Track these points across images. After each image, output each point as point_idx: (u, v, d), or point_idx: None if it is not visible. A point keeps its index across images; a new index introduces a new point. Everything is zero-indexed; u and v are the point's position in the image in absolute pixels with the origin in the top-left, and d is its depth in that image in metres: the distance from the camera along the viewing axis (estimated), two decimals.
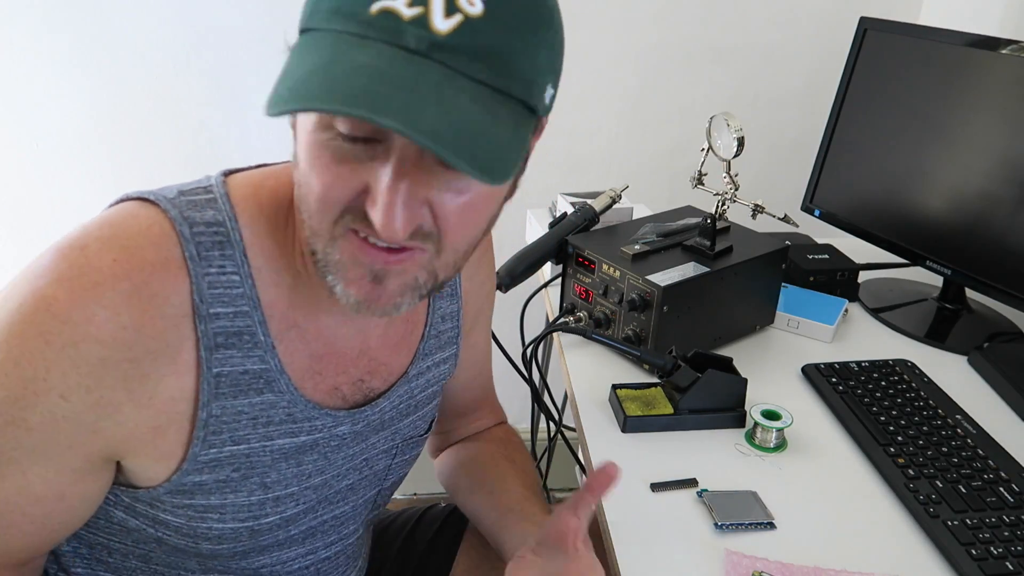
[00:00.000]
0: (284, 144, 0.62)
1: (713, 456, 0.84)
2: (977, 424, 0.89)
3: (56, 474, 0.59)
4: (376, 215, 0.51)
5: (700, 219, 1.06)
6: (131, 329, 0.56)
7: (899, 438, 0.85)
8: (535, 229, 1.35)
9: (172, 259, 0.58)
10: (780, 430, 0.85)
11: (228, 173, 0.67)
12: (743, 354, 1.04)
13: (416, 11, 0.47)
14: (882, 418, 0.89)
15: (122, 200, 0.63)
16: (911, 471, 0.80)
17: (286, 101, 0.46)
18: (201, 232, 0.60)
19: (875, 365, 0.99)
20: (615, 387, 0.92)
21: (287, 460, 0.68)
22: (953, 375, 1.01)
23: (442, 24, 0.47)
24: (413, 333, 0.77)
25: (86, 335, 0.55)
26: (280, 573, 0.75)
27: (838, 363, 0.99)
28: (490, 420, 0.99)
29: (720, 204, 1.11)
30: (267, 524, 0.69)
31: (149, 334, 0.57)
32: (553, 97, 0.56)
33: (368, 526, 0.86)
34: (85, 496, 0.63)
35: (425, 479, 2.05)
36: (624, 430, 0.87)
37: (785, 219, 1.10)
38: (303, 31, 0.53)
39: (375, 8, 0.48)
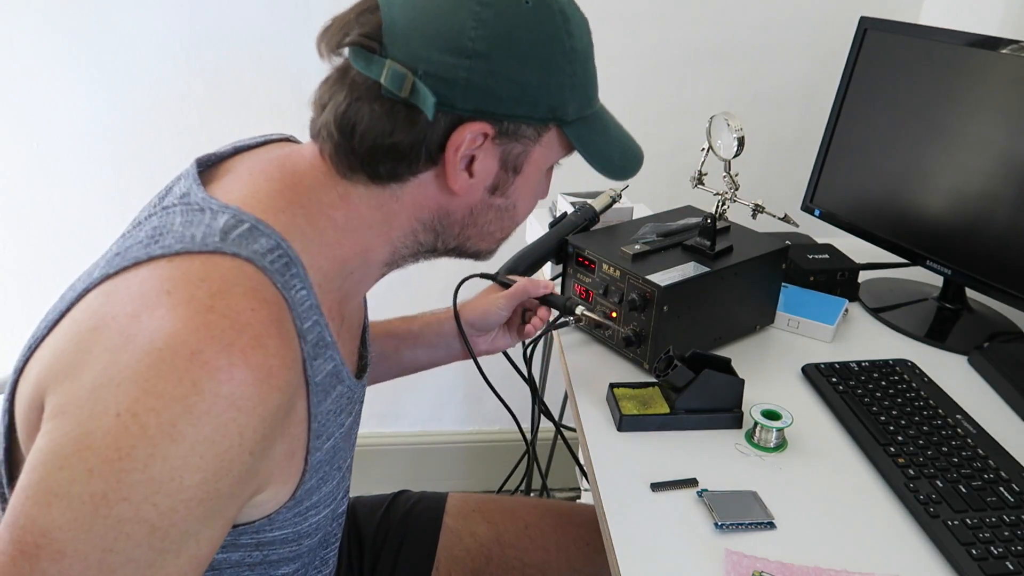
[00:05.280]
0: None
1: (713, 456, 0.84)
2: (977, 424, 0.89)
3: (221, 530, 0.56)
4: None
5: (700, 219, 1.06)
6: (292, 368, 0.56)
7: (899, 438, 0.85)
8: (535, 229, 1.35)
9: (276, 292, 0.58)
10: (780, 430, 0.85)
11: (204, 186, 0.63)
12: (743, 354, 1.04)
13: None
14: (882, 418, 0.89)
15: (145, 260, 0.56)
16: (911, 471, 0.80)
17: (634, 167, 0.76)
18: (272, 261, 0.59)
19: (875, 365, 0.99)
20: (612, 386, 0.92)
21: (347, 438, 0.73)
22: (953, 375, 1.01)
23: None
24: None
25: (271, 388, 0.54)
26: (327, 540, 0.79)
27: (838, 363, 0.99)
28: None
29: (720, 204, 1.11)
30: (341, 501, 0.74)
31: (297, 368, 0.58)
32: None
33: None
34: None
35: (421, 478, 2.06)
36: (620, 428, 0.87)
37: (785, 219, 1.10)
38: (583, 117, 0.69)
39: (597, 104, 0.73)
